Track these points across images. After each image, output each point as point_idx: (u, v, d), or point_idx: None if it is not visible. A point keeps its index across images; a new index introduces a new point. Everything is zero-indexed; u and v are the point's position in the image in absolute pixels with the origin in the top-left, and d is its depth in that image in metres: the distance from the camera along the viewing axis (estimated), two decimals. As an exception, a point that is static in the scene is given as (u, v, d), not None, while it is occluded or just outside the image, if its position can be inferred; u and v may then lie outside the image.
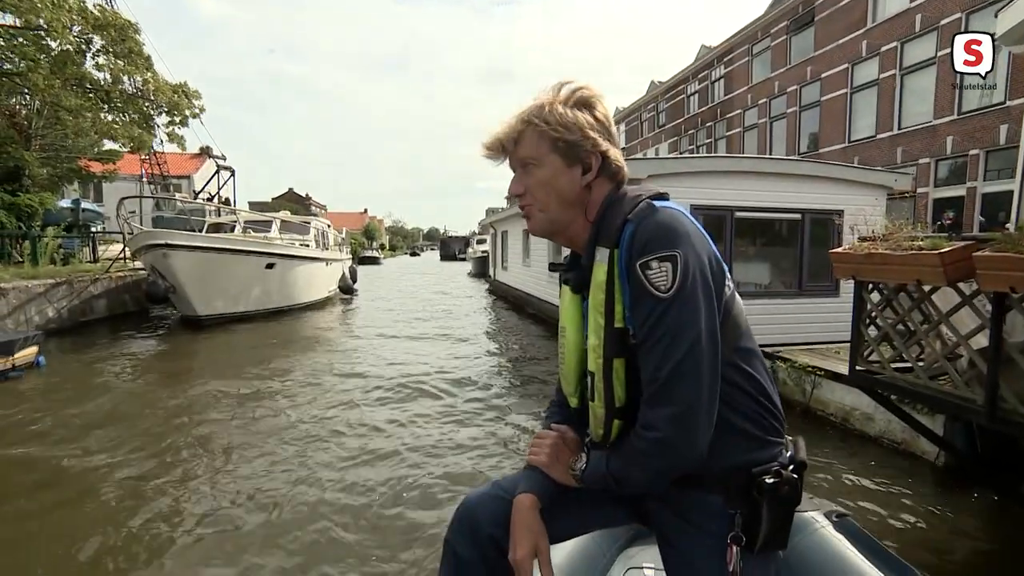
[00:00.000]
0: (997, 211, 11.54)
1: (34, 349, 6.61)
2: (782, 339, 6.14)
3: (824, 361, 5.34)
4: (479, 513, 1.03)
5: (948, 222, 11.91)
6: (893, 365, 3.22)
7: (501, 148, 0.99)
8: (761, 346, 1.00)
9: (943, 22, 12.82)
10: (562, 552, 1.39)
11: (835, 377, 4.86)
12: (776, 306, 6.51)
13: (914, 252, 2.70)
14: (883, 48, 14.62)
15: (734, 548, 0.89)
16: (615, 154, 0.96)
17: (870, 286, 3.32)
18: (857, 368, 3.41)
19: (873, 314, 3.31)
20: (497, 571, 1.00)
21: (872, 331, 3.39)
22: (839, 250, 3.27)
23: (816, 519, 1.50)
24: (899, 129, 14.34)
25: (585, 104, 0.96)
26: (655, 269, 0.82)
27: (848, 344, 3.55)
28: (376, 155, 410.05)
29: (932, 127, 13.32)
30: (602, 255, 0.90)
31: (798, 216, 6.71)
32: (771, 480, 0.88)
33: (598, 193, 0.97)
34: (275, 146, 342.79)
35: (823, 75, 16.89)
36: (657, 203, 0.90)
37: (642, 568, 1.50)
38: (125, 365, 7.27)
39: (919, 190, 13.37)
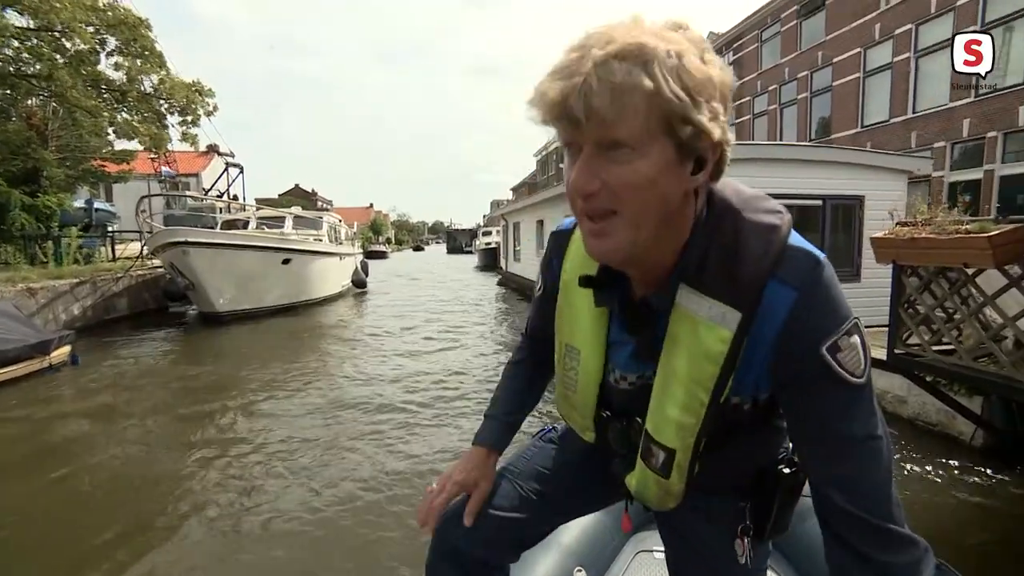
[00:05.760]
0: (1016, 194, 11.46)
1: (68, 348, 6.73)
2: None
3: (852, 346, 5.37)
4: (454, 534, 0.97)
5: (962, 206, 11.83)
6: (933, 348, 3.26)
7: (569, 117, 0.56)
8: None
9: (959, 2, 12.63)
10: (572, 533, 1.40)
11: (865, 362, 4.89)
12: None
13: (961, 236, 2.73)
14: (897, 31, 14.44)
15: (745, 540, 0.85)
16: (730, 139, 0.62)
17: (909, 270, 3.36)
18: (896, 351, 3.45)
19: (912, 298, 3.35)
20: None
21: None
22: (880, 235, 3.30)
23: None
24: (913, 113, 14.20)
25: (703, 52, 0.59)
26: (846, 351, 0.63)
27: (875, 329, 3.58)
28: (376, 150, 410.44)
29: (949, 110, 13.18)
30: (710, 309, 0.65)
31: (819, 202, 6.72)
32: (787, 470, 0.82)
33: (699, 202, 0.67)
34: (275, 142, 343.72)
35: (834, 60, 16.70)
36: (810, 248, 0.65)
37: (652, 551, 1.50)
38: (156, 361, 7.39)
39: (934, 174, 13.27)
